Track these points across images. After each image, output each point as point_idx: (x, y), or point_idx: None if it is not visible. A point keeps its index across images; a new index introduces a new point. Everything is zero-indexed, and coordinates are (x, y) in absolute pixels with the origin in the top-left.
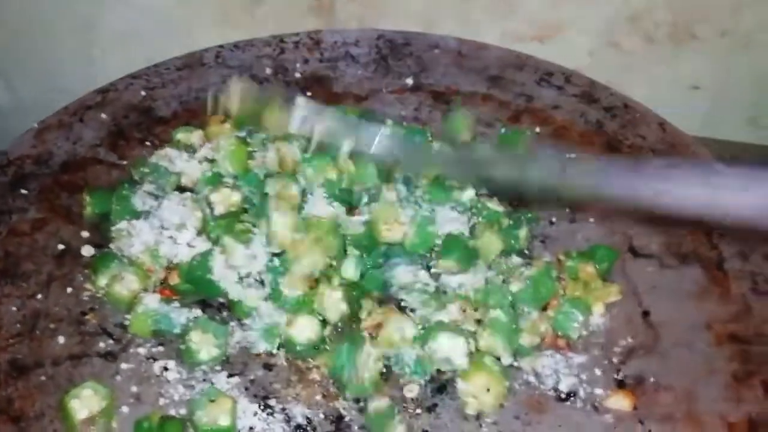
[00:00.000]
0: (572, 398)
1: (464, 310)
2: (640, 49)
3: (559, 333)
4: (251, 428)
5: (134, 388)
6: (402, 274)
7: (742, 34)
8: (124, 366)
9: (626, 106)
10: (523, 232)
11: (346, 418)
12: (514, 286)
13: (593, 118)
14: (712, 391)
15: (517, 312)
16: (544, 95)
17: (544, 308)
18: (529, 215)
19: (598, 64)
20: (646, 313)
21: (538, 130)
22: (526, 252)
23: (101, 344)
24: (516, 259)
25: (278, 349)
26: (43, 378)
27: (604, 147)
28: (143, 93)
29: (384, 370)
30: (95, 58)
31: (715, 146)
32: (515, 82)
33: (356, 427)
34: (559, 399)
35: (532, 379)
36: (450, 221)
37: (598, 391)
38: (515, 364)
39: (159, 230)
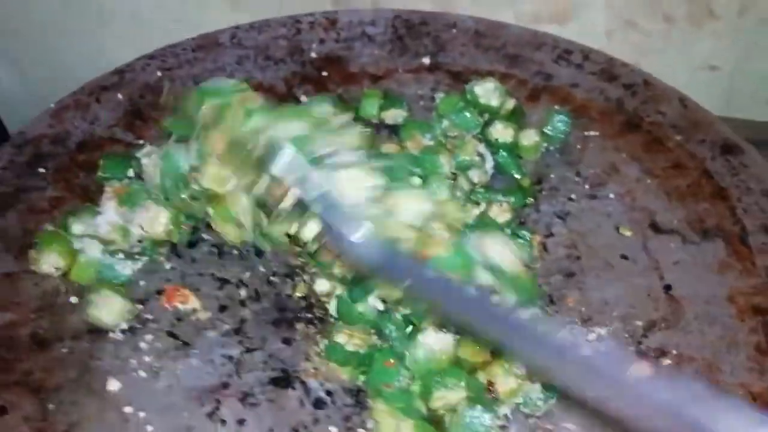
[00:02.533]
0: None
1: None
2: (658, 29)
3: None
4: (271, 401)
5: (152, 363)
6: None
7: (760, 13)
8: (142, 343)
9: (646, 82)
10: None
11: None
12: None
13: (613, 95)
14: (734, 363)
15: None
16: (563, 73)
17: None
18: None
19: (616, 45)
20: (668, 288)
21: (557, 108)
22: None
23: None
24: None
25: None
26: (63, 350)
27: (624, 125)
28: (159, 73)
29: None
30: (106, 45)
31: (734, 126)
32: (533, 60)
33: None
34: None
35: None
36: None
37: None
38: None
39: None
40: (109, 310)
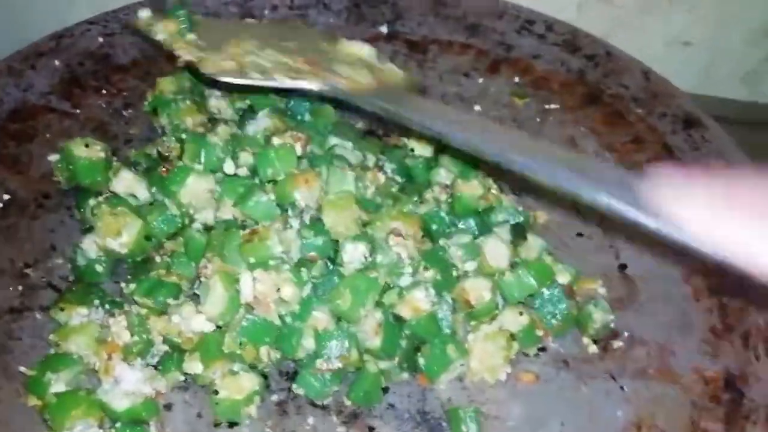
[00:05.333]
0: (541, 354)
1: None
2: (629, 2)
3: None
4: None
5: None
6: None
7: None
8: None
9: (609, 54)
10: None
11: None
12: None
13: (575, 66)
14: (688, 346)
15: None
16: (525, 44)
17: None
18: None
19: (587, 18)
20: (622, 266)
21: (517, 80)
22: None
23: (44, 298)
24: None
25: None
26: None
27: (585, 97)
28: (101, 39)
29: None
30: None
31: (709, 103)
32: (495, 30)
33: None
34: (526, 355)
35: None
36: None
37: (569, 346)
38: None
39: None
40: None
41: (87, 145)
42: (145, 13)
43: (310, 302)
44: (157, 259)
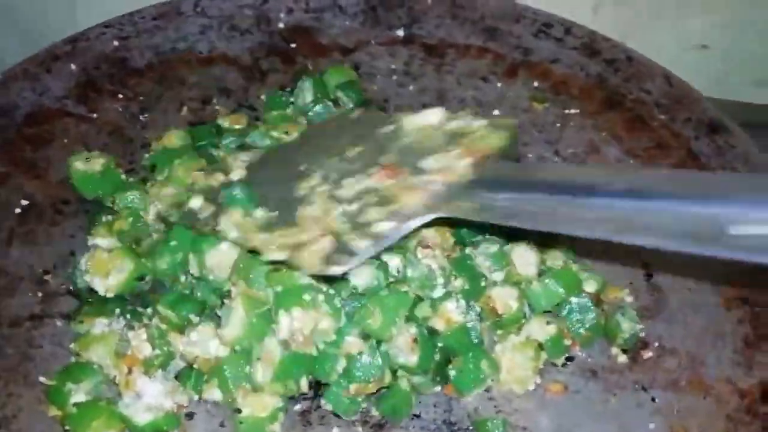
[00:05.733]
0: (569, 364)
1: None
2: (646, 5)
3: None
4: None
5: None
6: None
7: None
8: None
9: (629, 58)
10: None
11: None
12: None
13: (594, 71)
14: (720, 357)
15: None
16: (543, 48)
17: None
18: None
19: (602, 22)
20: (649, 275)
21: (535, 84)
22: None
23: (64, 305)
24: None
25: None
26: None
27: (605, 102)
28: (116, 43)
29: None
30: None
31: (723, 107)
32: (512, 34)
33: None
34: (554, 365)
35: None
36: None
37: (597, 356)
38: None
39: None
40: None
41: (87, 159)
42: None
43: (344, 328)
44: (182, 278)
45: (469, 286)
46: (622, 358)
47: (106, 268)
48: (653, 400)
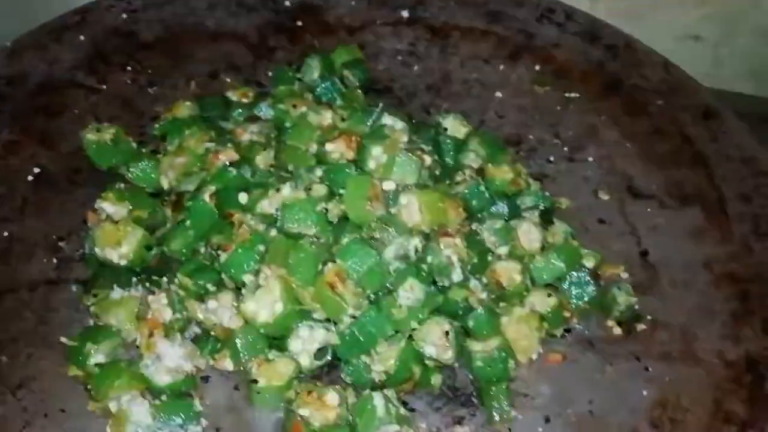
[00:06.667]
0: (567, 335)
1: None
2: None
3: None
4: None
5: None
6: None
7: None
8: None
9: (628, 45)
10: None
11: None
12: None
13: (594, 57)
14: (710, 330)
15: None
16: (545, 32)
17: None
18: None
19: (599, 10)
20: (644, 253)
21: (537, 68)
22: None
23: (79, 271)
24: None
25: None
26: (17, 303)
27: (605, 87)
28: (124, 15)
29: None
30: None
31: (717, 99)
32: (515, 17)
33: None
34: (554, 336)
35: None
36: None
37: (594, 329)
38: None
39: None
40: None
41: (98, 130)
42: None
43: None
44: (202, 249)
45: (477, 261)
46: (618, 331)
47: (116, 238)
48: (647, 369)
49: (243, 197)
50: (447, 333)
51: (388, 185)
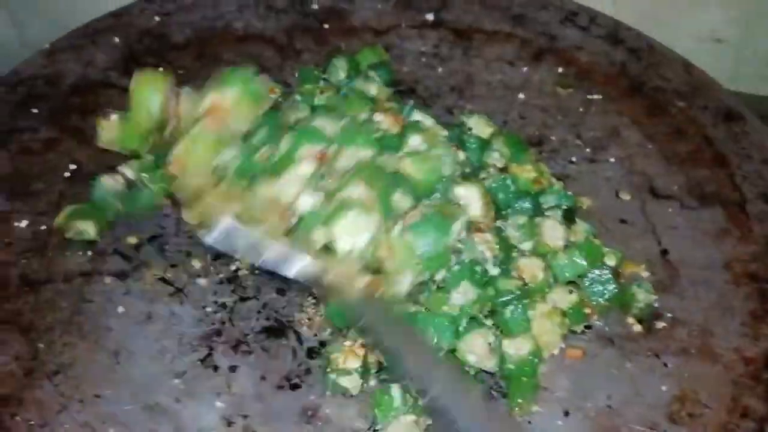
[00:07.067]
0: (587, 332)
1: None
2: None
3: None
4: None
5: (144, 308)
6: None
7: None
8: (134, 286)
9: (651, 47)
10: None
11: None
12: None
13: (617, 59)
14: (729, 328)
15: None
16: (568, 35)
17: None
18: None
19: (621, 12)
20: (664, 252)
21: (560, 70)
22: None
23: (113, 264)
24: None
25: None
26: (53, 293)
27: (627, 89)
28: (157, 18)
29: None
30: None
31: (738, 99)
32: (539, 21)
33: None
34: (574, 332)
35: None
36: None
37: (613, 326)
38: None
39: None
40: None
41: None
42: None
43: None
44: None
45: (504, 256)
46: (637, 328)
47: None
48: (665, 365)
49: None
50: (490, 344)
51: None
